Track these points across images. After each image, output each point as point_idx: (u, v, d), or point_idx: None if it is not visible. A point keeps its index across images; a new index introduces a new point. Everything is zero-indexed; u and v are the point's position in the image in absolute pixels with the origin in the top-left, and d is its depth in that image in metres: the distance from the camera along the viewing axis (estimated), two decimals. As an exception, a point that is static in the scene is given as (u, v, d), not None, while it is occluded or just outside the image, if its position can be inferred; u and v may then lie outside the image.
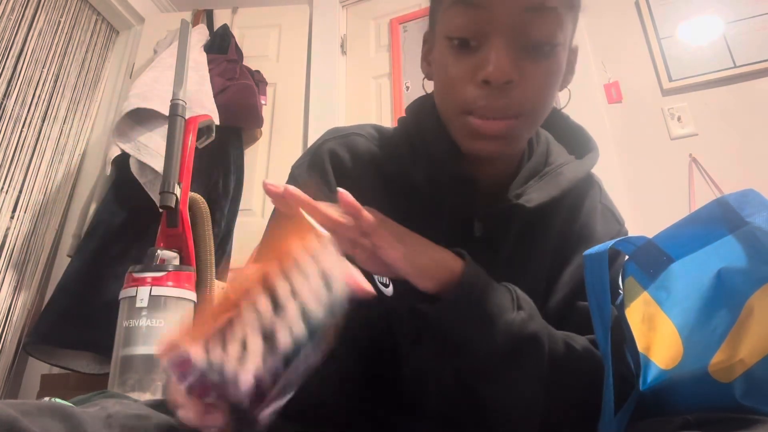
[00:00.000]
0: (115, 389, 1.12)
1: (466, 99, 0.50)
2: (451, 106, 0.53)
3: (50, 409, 0.35)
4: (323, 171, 0.58)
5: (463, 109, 0.51)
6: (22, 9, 2.04)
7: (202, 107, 1.82)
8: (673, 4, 1.86)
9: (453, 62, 0.51)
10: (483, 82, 0.49)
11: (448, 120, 0.54)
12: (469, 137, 0.52)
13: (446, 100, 0.53)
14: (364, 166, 0.59)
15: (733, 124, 1.66)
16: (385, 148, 0.62)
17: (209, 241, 1.40)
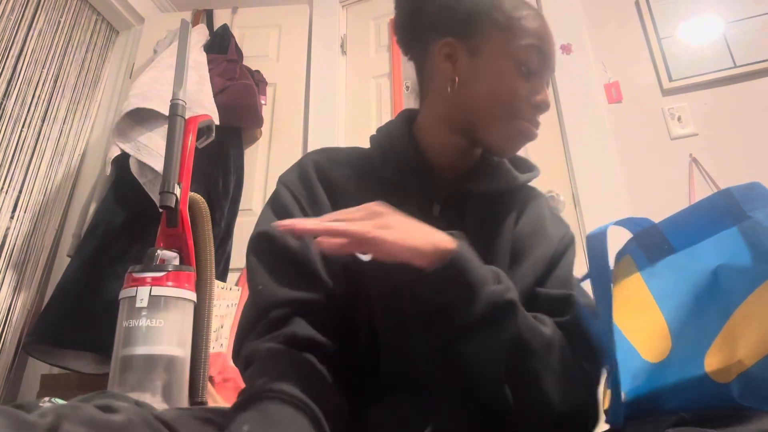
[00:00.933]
0: (115, 389, 1.12)
1: (522, 111, 0.69)
2: (509, 113, 0.69)
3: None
4: (309, 183, 0.71)
5: (515, 116, 0.69)
6: (22, 9, 2.04)
7: (202, 107, 1.81)
8: (673, 4, 1.86)
9: (519, 83, 0.68)
10: (536, 105, 0.69)
11: (495, 122, 0.69)
12: (516, 137, 0.70)
13: (503, 108, 0.69)
14: (341, 167, 0.73)
15: (733, 124, 1.66)
16: (358, 155, 0.76)
17: (209, 241, 1.40)
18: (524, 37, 0.68)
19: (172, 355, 1.17)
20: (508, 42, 0.68)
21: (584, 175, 1.75)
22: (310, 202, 0.69)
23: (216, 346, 1.56)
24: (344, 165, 0.73)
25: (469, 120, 0.71)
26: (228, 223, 1.93)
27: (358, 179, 0.71)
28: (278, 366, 0.55)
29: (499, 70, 0.68)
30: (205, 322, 1.30)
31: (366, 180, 0.71)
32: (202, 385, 1.25)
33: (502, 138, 0.70)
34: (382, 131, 0.77)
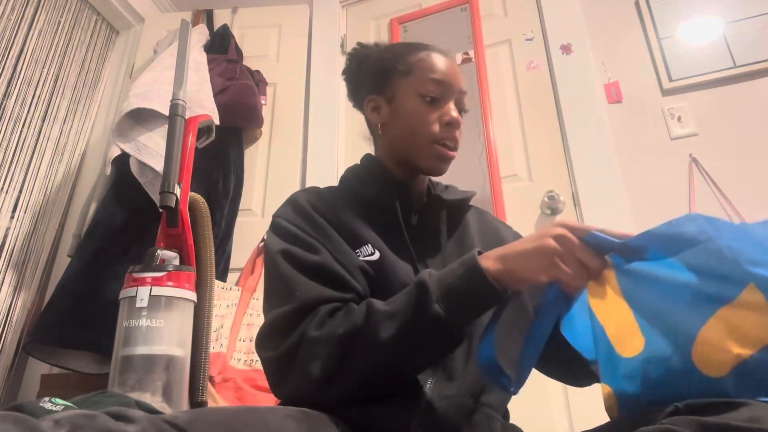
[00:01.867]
0: (115, 389, 1.12)
1: (435, 133, 0.82)
2: (424, 138, 0.83)
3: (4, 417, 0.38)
4: (305, 212, 0.79)
5: (434, 140, 0.82)
6: (22, 9, 2.04)
7: (202, 107, 1.81)
8: (673, 5, 1.87)
9: (425, 111, 0.83)
10: (446, 123, 0.82)
11: (420, 149, 0.83)
12: (435, 159, 0.83)
13: (421, 136, 0.83)
14: (328, 200, 0.83)
15: (733, 124, 1.66)
16: (337, 189, 0.89)
17: (209, 241, 1.40)
18: (424, 74, 0.84)
19: (172, 355, 1.17)
20: (412, 83, 0.85)
21: (584, 175, 1.75)
22: (312, 227, 0.77)
23: (216, 346, 1.56)
24: (328, 196, 0.85)
25: (400, 153, 0.87)
26: (228, 223, 1.93)
27: (345, 203, 0.83)
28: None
29: (408, 106, 0.84)
30: (205, 322, 1.30)
31: (351, 204, 0.84)
32: (202, 385, 1.25)
33: (425, 161, 0.83)
34: (353, 169, 0.92)
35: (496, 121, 1.96)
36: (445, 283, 0.63)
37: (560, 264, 0.59)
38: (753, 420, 0.41)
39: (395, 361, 0.64)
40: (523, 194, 1.81)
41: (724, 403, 0.44)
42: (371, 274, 0.75)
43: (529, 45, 2.04)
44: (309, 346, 0.65)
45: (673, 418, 0.45)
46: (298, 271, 0.72)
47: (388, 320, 0.63)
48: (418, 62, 0.86)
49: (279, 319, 0.70)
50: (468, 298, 0.63)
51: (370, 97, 0.91)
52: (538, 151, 1.87)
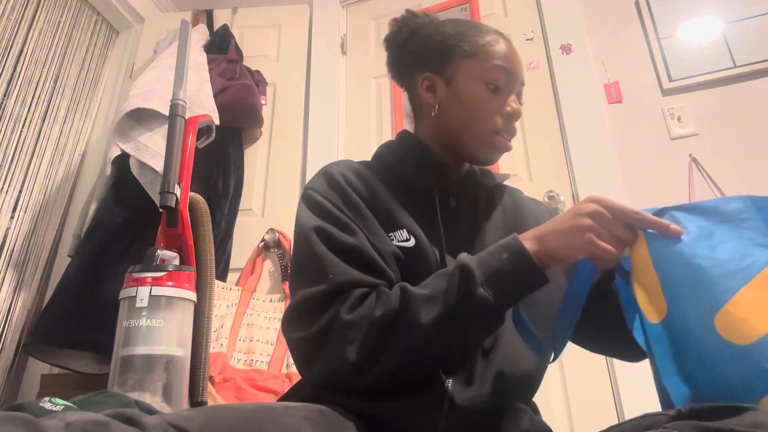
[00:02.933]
0: (115, 389, 1.12)
1: (496, 124, 0.80)
2: (484, 127, 0.80)
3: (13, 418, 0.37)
4: (340, 188, 0.76)
5: (494, 131, 0.80)
6: (22, 9, 2.04)
7: (202, 107, 1.81)
8: (673, 4, 1.87)
9: (489, 98, 0.80)
10: (509, 115, 0.80)
11: (478, 137, 0.81)
12: (492, 149, 0.81)
13: (479, 124, 0.80)
14: (364, 177, 0.80)
15: (733, 124, 1.66)
16: (371, 164, 0.85)
17: (209, 241, 1.40)
18: (490, 60, 0.80)
19: (172, 355, 1.17)
20: (476, 67, 0.81)
21: (584, 175, 1.75)
22: (347, 205, 0.75)
23: (216, 346, 1.56)
24: (364, 172, 0.81)
25: (452, 139, 0.83)
26: (228, 223, 1.93)
27: (381, 182, 0.80)
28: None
29: (471, 92, 0.81)
30: (205, 322, 1.30)
31: (386, 183, 0.80)
32: (202, 385, 1.25)
33: (481, 151, 0.81)
34: (388, 145, 0.89)
35: (496, 121, 1.96)
36: (490, 267, 0.63)
37: (596, 241, 0.60)
38: (757, 425, 0.41)
39: (437, 345, 0.62)
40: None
41: (729, 408, 0.44)
42: (403, 260, 0.73)
43: (529, 45, 2.04)
44: (343, 329, 0.63)
45: (676, 423, 0.45)
46: (333, 252, 0.69)
47: (429, 303, 0.62)
48: (485, 46, 0.81)
49: (309, 300, 0.67)
50: (515, 282, 0.63)
51: (426, 74, 0.85)
52: (538, 151, 1.87)
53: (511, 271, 0.62)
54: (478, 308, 0.61)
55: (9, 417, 0.37)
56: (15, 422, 0.37)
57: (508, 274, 0.62)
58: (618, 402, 1.45)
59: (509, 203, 0.90)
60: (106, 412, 0.43)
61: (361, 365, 0.61)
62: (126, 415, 0.43)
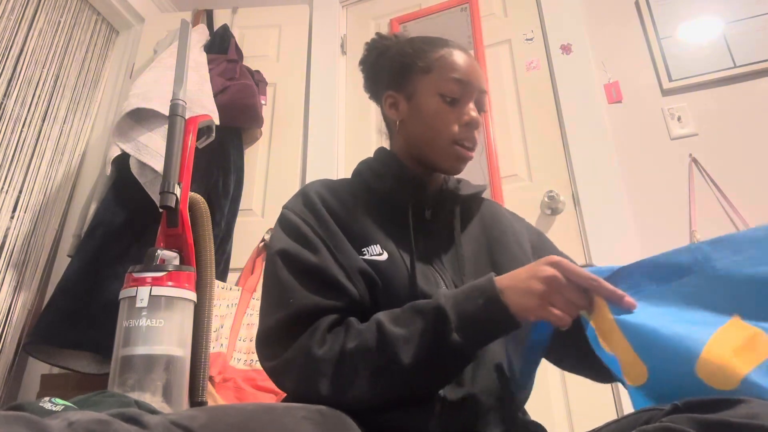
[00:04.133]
0: (115, 389, 1.12)
1: (454, 134, 0.81)
2: (443, 138, 0.82)
3: (15, 418, 0.37)
4: (314, 207, 0.79)
5: (453, 141, 0.81)
6: (22, 9, 2.04)
7: (202, 107, 1.81)
8: (673, 4, 1.87)
9: (445, 111, 0.82)
10: (466, 123, 0.82)
11: (439, 149, 0.82)
12: (454, 159, 0.82)
13: (440, 135, 0.82)
14: (340, 195, 0.83)
15: (733, 124, 1.66)
16: (349, 182, 0.89)
17: (209, 241, 1.40)
18: (445, 73, 0.83)
19: (172, 355, 1.17)
20: (432, 81, 0.84)
21: (584, 175, 1.75)
22: (319, 223, 0.77)
23: (216, 346, 1.56)
24: (340, 190, 0.84)
25: (417, 152, 0.86)
26: (228, 223, 1.93)
27: (356, 199, 0.83)
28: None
29: (428, 105, 0.83)
30: (205, 322, 1.30)
31: (363, 199, 0.83)
32: (202, 385, 1.25)
33: (443, 161, 0.83)
34: (366, 162, 0.91)
35: (496, 121, 1.96)
36: (465, 312, 0.64)
37: (547, 306, 0.61)
38: (751, 416, 0.42)
39: (413, 384, 0.65)
40: (523, 194, 1.81)
41: (723, 401, 0.45)
42: (373, 275, 0.74)
43: (529, 45, 2.04)
44: (314, 364, 0.65)
45: (673, 416, 0.45)
46: (294, 274, 0.72)
47: (407, 345, 0.64)
48: (440, 59, 0.84)
49: (273, 328, 0.71)
50: (488, 328, 0.65)
51: (389, 92, 0.90)
52: (538, 151, 1.87)
53: (486, 319, 0.64)
54: (451, 353, 0.63)
55: (11, 417, 0.37)
56: (17, 422, 0.37)
57: (482, 322, 0.64)
58: (618, 400, 1.45)
59: (487, 214, 0.92)
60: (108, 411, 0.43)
61: (334, 397, 0.64)
62: (128, 414, 0.43)
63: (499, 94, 2.00)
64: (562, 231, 1.72)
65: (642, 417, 0.50)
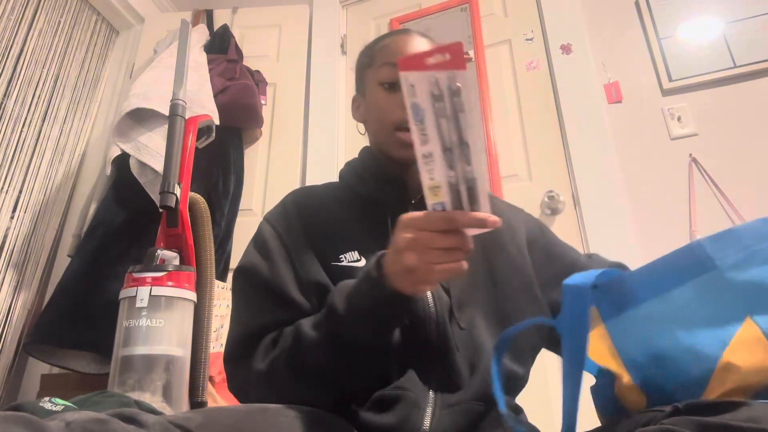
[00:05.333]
0: (115, 389, 1.12)
1: (396, 119, 0.77)
2: (385, 126, 0.79)
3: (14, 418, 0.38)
4: (287, 217, 0.80)
5: (395, 126, 0.78)
6: (22, 9, 2.04)
7: (202, 107, 1.81)
8: (673, 5, 1.86)
9: (385, 98, 0.79)
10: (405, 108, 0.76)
11: (385, 139, 0.80)
12: (400, 146, 0.78)
13: (382, 124, 0.80)
14: (321, 201, 0.83)
15: (733, 124, 1.66)
16: (332, 186, 0.88)
17: (209, 241, 1.40)
18: (381, 61, 0.82)
19: (172, 355, 1.17)
20: (372, 73, 0.83)
21: (584, 175, 1.75)
22: (289, 236, 0.77)
23: (216, 346, 1.56)
24: (324, 196, 0.84)
25: (378, 148, 0.85)
26: (228, 223, 1.93)
27: (341, 203, 0.82)
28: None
29: (372, 97, 0.82)
30: (205, 322, 1.30)
31: (348, 201, 0.82)
32: (202, 385, 1.25)
33: (391, 150, 0.80)
34: (350, 163, 0.90)
35: (496, 121, 1.96)
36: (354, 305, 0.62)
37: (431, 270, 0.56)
38: (752, 420, 0.41)
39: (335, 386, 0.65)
40: (523, 194, 1.81)
41: (725, 403, 0.44)
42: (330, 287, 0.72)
43: (529, 45, 2.04)
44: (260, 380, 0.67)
45: (673, 419, 0.45)
46: (249, 291, 0.74)
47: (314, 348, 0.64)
48: (379, 50, 0.83)
49: (229, 349, 0.73)
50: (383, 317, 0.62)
51: (354, 97, 0.91)
52: (538, 151, 1.87)
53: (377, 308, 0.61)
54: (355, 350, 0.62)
55: (10, 417, 0.38)
56: (16, 422, 0.37)
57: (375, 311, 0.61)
58: (618, 402, 1.45)
59: None
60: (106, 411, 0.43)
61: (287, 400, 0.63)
62: (126, 414, 0.44)
63: (499, 94, 2.00)
64: (562, 231, 1.71)
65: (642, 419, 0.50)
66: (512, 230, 0.85)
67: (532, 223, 0.91)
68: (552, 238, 0.90)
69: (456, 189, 0.53)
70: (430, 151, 0.52)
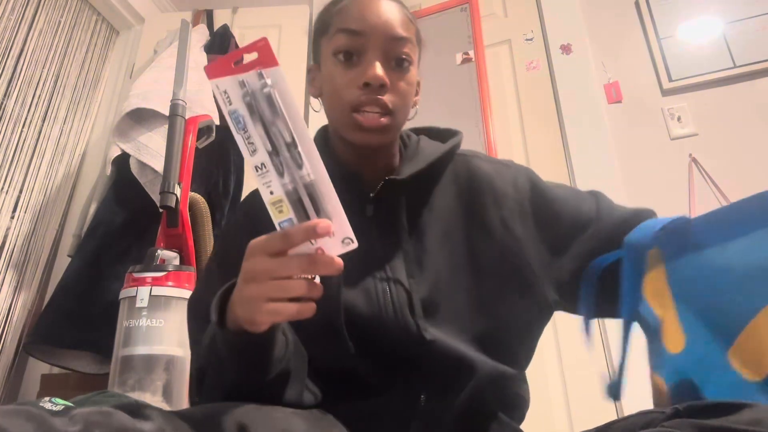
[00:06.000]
0: (115, 389, 1.12)
1: (352, 99, 0.65)
2: (340, 106, 0.67)
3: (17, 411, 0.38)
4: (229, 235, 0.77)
5: (352, 107, 0.65)
6: (22, 9, 2.04)
7: (202, 107, 1.81)
8: (673, 4, 1.87)
9: (340, 72, 0.66)
10: (364, 84, 0.64)
11: (340, 119, 0.68)
12: (357, 130, 0.66)
13: (337, 103, 0.67)
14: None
15: (733, 124, 1.66)
16: None
17: (209, 241, 1.40)
18: (336, 26, 0.68)
19: (172, 355, 1.17)
20: (327, 41, 0.70)
21: (584, 175, 1.75)
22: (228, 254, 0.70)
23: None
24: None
25: (333, 129, 0.73)
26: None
27: None
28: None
29: (326, 70, 0.69)
30: (205, 322, 1.30)
31: None
32: (202, 385, 1.25)
33: (349, 134, 0.68)
34: None
35: (496, 121, 1.96)
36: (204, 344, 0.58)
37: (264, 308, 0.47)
38: (754, 423, 0.40)
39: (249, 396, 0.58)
40: (523, 194, 1.81)
41: (725, 405, 0.43)
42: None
43: (529, 45, 2.04)
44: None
45: (673, 421, 0.44)
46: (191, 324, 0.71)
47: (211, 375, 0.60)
48: (336, 14, 0.69)
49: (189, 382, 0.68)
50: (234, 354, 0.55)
51: (309, 67, 0.77)
52: (538, 151, 1.88)
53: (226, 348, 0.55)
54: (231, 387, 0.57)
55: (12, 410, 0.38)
56: (19, 415, 0.37)
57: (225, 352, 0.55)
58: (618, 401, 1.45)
59: (463, 174, 0.74)
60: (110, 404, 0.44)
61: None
62: (129, 407, 0.44)
63: (499, 94, 2.00)
64: (562, 231, 1.72)
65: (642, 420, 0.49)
66: (498, 202, 0.71)
67: (522, 181, 0.74)
68: (548, 193, 0.74)
69: (298, 199, 0.46)
70: (261, 161, 0.46)
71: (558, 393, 1.53)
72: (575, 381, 1.53)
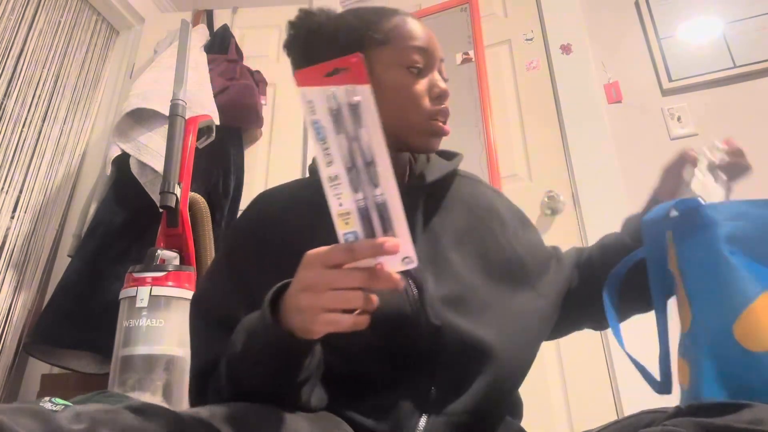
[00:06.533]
0: (115, 389, 1.12)
1: (428, 109, 0.73)
2: (418, 114, 0.73)
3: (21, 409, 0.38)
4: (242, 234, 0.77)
5: (429, 116, 0.73)
6: (22, 9, 2.04)
7: (202, 107, 1.82)
8: (673, 4, 1.87)
9: (413, 83, 0.74)
10: (438, 96, 0.74)
11: (415, 125, 0.74)
12: (432, 136, 0.74)
13: (413, 110, 0.73)
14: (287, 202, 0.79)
15: (733, 124, 1.66)
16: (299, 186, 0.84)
17: (209, 241, 1.40)
18: (404, 42, 0.76)
19: (172, 355, 1.17)
20: (392, 53, 0.75)
21: (584, 175, 1.75)
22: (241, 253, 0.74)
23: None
24: (287, 199, 0.80)
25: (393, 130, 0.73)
26: (228, 223, 1.93)
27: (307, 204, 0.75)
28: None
29: (393, 79, 0.74)
30: (205, 322, 1.30)
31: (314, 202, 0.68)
32: (203, 385, 1.25)
33: (420, 139, 0.75)
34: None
35: (496, 121, 1.96)
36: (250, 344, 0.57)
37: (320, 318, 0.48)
38: (755, 422, 0.41)
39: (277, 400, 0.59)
40: (523, 194, 1.81)
41: (727, 405, 0.44)
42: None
43: (529, 45, 2.04)
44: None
45: (675, 420, 0.44)
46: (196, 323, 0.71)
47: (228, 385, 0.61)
48: (395, 29, 0.77)
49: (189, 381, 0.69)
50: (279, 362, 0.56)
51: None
52: (538, 151, 1.88)
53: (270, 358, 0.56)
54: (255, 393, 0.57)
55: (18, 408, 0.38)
56: (23, 413, 0.37)
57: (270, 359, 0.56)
58: (617, 400, 1.45)
59: (468, 192, 0.82)
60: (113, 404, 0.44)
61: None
62: (134, 405, 0.44)
63: (499, 94, 2.00)
64: (561, 231, 1.72)
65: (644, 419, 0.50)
66: (502, 220, 0.81)
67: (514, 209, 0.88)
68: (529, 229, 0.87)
69: (366, 215, 0.47)
70: (335, 173, 0.47)
71: (558, 393, 1.53)
72: (575, 381, 1.53)
